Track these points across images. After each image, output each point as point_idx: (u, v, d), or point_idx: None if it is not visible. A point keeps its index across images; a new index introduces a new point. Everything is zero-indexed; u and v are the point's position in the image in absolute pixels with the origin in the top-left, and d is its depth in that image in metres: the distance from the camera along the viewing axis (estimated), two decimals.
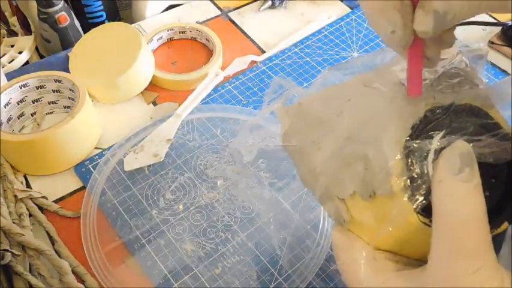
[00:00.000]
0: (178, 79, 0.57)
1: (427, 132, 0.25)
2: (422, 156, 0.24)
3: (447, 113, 0.25)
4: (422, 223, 0.24)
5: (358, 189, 0.26)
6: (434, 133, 0.24)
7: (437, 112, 0.25)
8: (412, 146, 0.24)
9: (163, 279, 0.41)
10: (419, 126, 0.25)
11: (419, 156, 0.24)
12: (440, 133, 0.24)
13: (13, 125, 0.51)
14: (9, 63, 0.62)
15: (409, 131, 0.25)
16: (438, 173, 0.23)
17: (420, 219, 0.24)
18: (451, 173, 0.22)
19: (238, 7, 0.70)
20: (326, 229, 0.44)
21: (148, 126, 0.52)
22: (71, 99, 0.52)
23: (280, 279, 0.41)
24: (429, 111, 0.25)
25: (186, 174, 0.48)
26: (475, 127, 0.25)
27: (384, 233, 0.25)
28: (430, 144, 0.24)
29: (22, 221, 0.43)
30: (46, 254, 0.40)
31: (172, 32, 0.63)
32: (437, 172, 0.23)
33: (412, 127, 0.25)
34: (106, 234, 0.43)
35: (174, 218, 0.45)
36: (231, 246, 0.43)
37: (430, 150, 0.24)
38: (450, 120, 0.25)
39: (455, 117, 0.25)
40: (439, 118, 0.25)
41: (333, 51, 0.63)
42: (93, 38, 0.57)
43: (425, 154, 0.24)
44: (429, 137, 0.24)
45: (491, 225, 0.23)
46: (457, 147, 0.23)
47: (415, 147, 0.24)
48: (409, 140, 0.25)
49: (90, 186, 0.47)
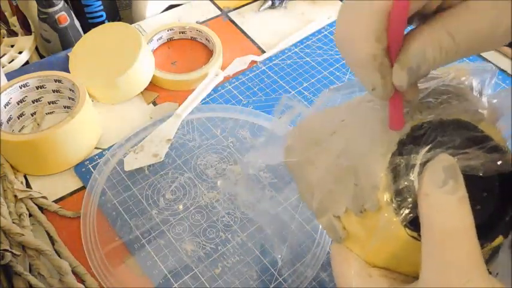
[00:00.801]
0: (178, 79, 0.57)
1: (413, 147, 0.25)
2: (408, 170, 0.24)
3: (434, 127, 0.26)
4: (411, 237, 0.24)
5: (350, 206, 0.27)
6: (420, 148, 0.25)
7: (424, 127, 0.26)
8: (397, 161, 0.25)
9: (163, 279, 0.41)
10: (405, 141, 0.25)
11: (405, 170, 0.24)
12: (426, 147, 0.24)
13: (13, 125, 0.51)
14: (9, 63, 0.62)
15: (395, 147, 0.25)
16: (423, 186, 0.23)
17: (408, 233, 0.24)
18: (435, 186, 0.22)
19: (238, 7, 0.70)
20: None
21: (148, 126, 0.52)
22: (71, 99, 0.52)
23: (280, 279, 0.41)
24: (415, 127, 0.26)
25: (186, 174, 0.48)
26: (462, 140, 0.25)
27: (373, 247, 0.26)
28: (415, 159, 0.24)
29: (22, 221, 0.43)
30: (46, 254, 0.40)
31: (172, 32, 0.63)
32: (422, 185, 0.23)
33: (398, 142, 0.25)
34: (106, 234, 0.43)
35: (174, 218, 0.45)
36: (231, 246, 0.43)
37: (415, 164, 0.24)
38: (436, 135, 0.25)
39: (441, 131, 0.26)
40: (426, 133, 0.25)
41: (333, 51, 0.63)
42: (93, 38, 0.57)
43: (411, 168, 0.24)
44: (415, 152, 0.25)
45: (485, 239, 0.23)
46: (441, 160, 0.23)
47: (400, 161, 0.25)
48: (395, 154, 0.25)
49: (90, 186, 0.47)
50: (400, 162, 0.25)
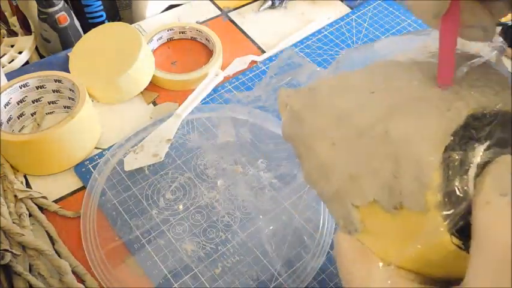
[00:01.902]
0: (178, 79, 0.57)
1: (469, 141, 0.22)
2: (463, 169, 0.21)
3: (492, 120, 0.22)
4: (455, 245, 0.21)
5: (381, 198, 0.23)
6: (477, 142, 0.22)
7: (481, 118, 0.22)
8: (452, 157, 0.21)
9: (163, 279, 0.41)
10: (460, 134, 0.22)
11: (459, 170, 0.21)
12: (485, 144, 0.21)
13: (13, 125, 0.51)
14: (9, 63, 0.62)
15: (449, 138, 0.22)
16: (484, 192, 0.20)
17: (454, 241, 0.21)
18: (499, 193, 0.19)
19: (238, 7, 0.70)
20: (326, 229, 0.43)
21: (148, 126, 0.52)
22: (71, 99, 0.52)
23: (280, 279, 0.41)
24: (471, 117, 0.22)
25: (186, 174, 0.48)
26: None
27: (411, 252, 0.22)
28: (472, 157, 0.21)
29: (22, 221, 0.43)
30: (46, 254, 0.40)
31: (172, 32, 0.63)
32: (483, 191, 0.20)
33: (453, 134, 0.22)
34: (106, 234, 0.43)
35: (174, 218, 0.45)
36: (231, 246, 0.43)
37: (472, 163, 0.21)
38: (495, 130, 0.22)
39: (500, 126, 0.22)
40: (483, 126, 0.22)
41: (333, 51, 0.63)
42: (93, 38, 0.57)
43: (466, 168, 0.21)
44: (471, 148, 0.21)
45: None
46: (506, 163, 0.20)
47: (456, 158, 0.21)
48: (449, 149, 0.21)
49: (90, 186, 0.47)
50: (454, 159, 0.21)
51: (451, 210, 0.21)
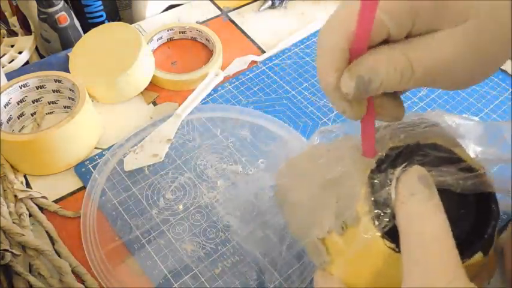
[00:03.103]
0: (178, 79, 0.57)
1: (390, 165, 0.27)
2: (385, 183, 0.25)
3: (411, 149, 0.27)
4: (389, 248, 0.25)
5: (333, 225, 0.27)
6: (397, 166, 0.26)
7: (401, 148, 0.27)
8: (375, 177, 0.26)
9: (163, 279, 0.41)
10: (384, 160, 0.27)
11: (383, 184, 0.26)
12: (403, 164, 0.26)
13: (13, 125, 0.51)
14: (9, 63, 0.62)
15: (373, 165, 0.27)
16: (399, 195, 0.24)
17: (387, 244, 0.25)
18: (410, 194, 0.23)
19: (238, 7, 0.70)
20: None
21: (148, 126, 0.52)
22: (71, 99, 0.52)
23: (280, 279, 0.41)
24: (394, 148, 0.27)
25: (186, 174, 0.48)
26: (436, 159, 0.27)
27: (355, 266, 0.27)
28: (392, 174, 0.25)
29: (22, 221, 0.43)
30: (46, 254, 0.40)
31: (172, 32, 0.63)
32: (398, 195, 0.24)
33: (377, 161, 0.27)
34: (106, 234, 0.43)
35: (174, 218, 0.45)
36: (231, 246, 0.43)
37: (392, 178, 0.25)
38: (412, 154, 0.27)
39: (416, 152, 0.27)
40: (403, 153, 0.27)
41: None
42: (93, 38, 0.57)
43: (388, 182, 0.25)
44: (392, 168, 0.26)
45: (463, 255, 0.24)
46: (414, 171, 0.24)
47: (378, 176, 0.26)
48: (374, 171, 0.27)
49: (90, 186, 0.47)
50: (378, 177, 0.26)
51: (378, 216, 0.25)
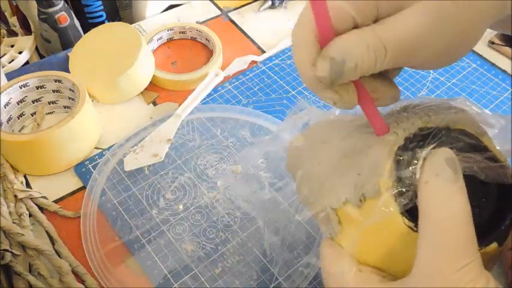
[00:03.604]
0: (178, 79, 0.57)
1: (418, 145, 0.26)
2: (411, 162, 0.25)
3: (439, 131, 0.27)
4: (407, 226, 0.24)
5: (350, 196, 0.27)
6: (425, 146, 0.26)
7: (430, 129, 0.27)
8: (403, 154, 0.26)
9: (163, 279, 0.41)
10: (412, 139, 0.26)
11: (408, 162, 0.25)
12: (432, 145, 0.25)
13: (13, 125, 0.51)
14: (9, 63, 0.62)
15: (401, 141, 0.26)
16: (424, 174, 0.24)
17: (405, 222, 0.24)
18: (435, 174, 0.23)
19: (238, 7, 0.70)
20: None
21: (148, 126, 0.52)
22: (71, 99, 0.52)
23: (280, 279, 0.41)
24: (423, 128, 0.27)
25: (186, 174, 0.48)
26: (464, 145, 0.26)
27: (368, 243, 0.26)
28: (419, 154, 0.25)
29: (22, 221, 0.43)
30: (46, 254, 0.40)
31: (172, 32, 0.63)
32: (422, 174, 0.24)
33: (405, 139, 0.26)
34: (106, 234, 0.43)
35: (174, 218, 0.45)
36: (231, 246, 0.43)
37: (419, 157, 0.25)
38: (441, 136, 0.26)
39: (446, 135, 0.27)
40: (432, 134, 0.27)
41: None
42: (93, 38, 0.57)
43: (415, 161, 0.25)
44: (420, 149, 0.26)
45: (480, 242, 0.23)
46: (442, 152, 0.24)
47: (405, 154, 0.25)
48: (401, 149, 0.26)
49: (90, 186, 0.47)
50: (404, 155, 0.25)
51: (400, 193, 0.25)
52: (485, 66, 0.62)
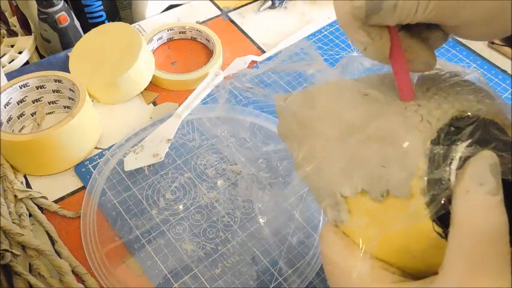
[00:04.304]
0: (178, 79, 0.57)
1: (452, 138, 0.24)
2: (446, 162, 0.23)
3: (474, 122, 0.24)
4: (436, 232, 0.22)
5: (369, 188, 0.24)
6: (459, 140, 0.23)
7: (464, 120, 0.24)
8: (437, 150, 0.23)
9: (163, 279, 0.41)
10: (445, 130, 0.24)
11: (442, 161, 0.23)
12: (467, 141, 0.23)
13: (13, 125, 0.51)
14: (9, 63, 0.62)
15: (435, 134, 0.24)
16: (465, 182, 0.21)
17: (435, 229, 0.22)
18: (478, 183, 0.21)
19: (238, 7, 0.70)
20: None
21: (148, 126, 0.52)
22: (71, 99, 0.52)
23: (280, 279, 0.41)
24: (455, 118, 0.24)
25: (186, 174, 0.48)
26: (499, 143, 0.24)
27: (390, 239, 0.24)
28: (455, 151, 0.23)
29: (22, 221, 0.43)
30: (46, 254, 0.40)
31: (172, 32, 0.63)
32: (463, 181, 0.21)
33: (438, 130, 0.24)
34: (106, 234, 0.43)
35: (174, 218, 0.45)
36: (231, 246, 0.43)
37: (455, 157, 0.23)
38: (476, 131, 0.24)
39: (481, 127, 0.24)
40: (466, 126, 0.24)
41: (333, 51, 0.63)
42: (93, 38, 0.57)
43: (449, 161, 0.23)
44: (455, 144, 0.23)
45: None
46: (486, 158, 0.22)
47: (440, 151, 0.23)
48: (435, 143, 0.23)
49: (90, 186, 0.47)
50: (439, 152, 0.23)
51: (434, 196, 0.22)
52: (485, 66, 0.62)
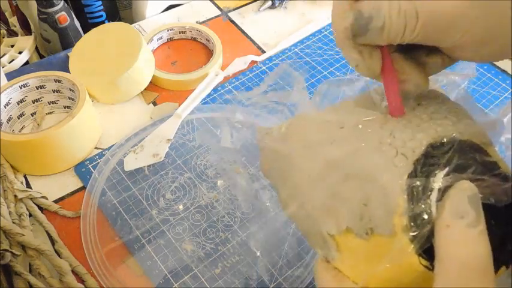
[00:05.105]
0: (178, 79, 0.57)
1: (430, 169, 0.24)
2: (426, 194, 0.23)
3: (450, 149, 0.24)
4: (423, 266, 0.23)
5: (353, 226, 0.25)
6: (437, 170, 0.23)
7: (440, 147, 0.24)
8: (415, 183, 0.23)
9: (163, 279, 0.41)
10: (421, 161, 0.24)
11: (423, 195, 0.23)
12: (444, 170, 0.23)
13: (13, 125, 0.51)
14: (9, 63, 0.62)
15: (411, 167, 0.24)
16: (444, 216, 0.22)
17: (422, 262, 0.23)
18: (457, 217, 0.21)
19: (238, 7, 0.70)
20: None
21: (148, 126, 0.52)
22: (71, 99, 0.52)
23: (280, 279, 0.41)
24: (431, 146, 0.24)
25: (186, 174, 0.48)
26: (477, 166, 0.24)
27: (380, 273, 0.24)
28: (433, 182, 0.23)
29: (22, 221, 0.43)
30: (46, 254, 0.40)
31: (172, 32, 0.63)
32: (443, 216, 0.22)
33: (414, 162, 0.24)
34: (106, 234, 0.43)
35: (174, 218, 0.45)
36: (231, 246, 0.43)
37: (433, 188, 0.23)
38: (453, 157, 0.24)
39: (457, 153, 0.24)
40: (442, 154, 0.24)
41: (333, 51, 0.63)
42: (93, 38, 0.57)
43: (429, 193, 0.23)
44: (433, 174, 0.23)
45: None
46: (464, 189, 0.22)
47: (417, 184, 0.23)
48: (412, 176, 0.23)
49: (90, 186, 0.47)
50: (417, 185, 0.23)
51: (416, 232, 0.22)
52: (485, 66, 0.62)
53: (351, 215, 0.25)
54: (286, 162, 0.29)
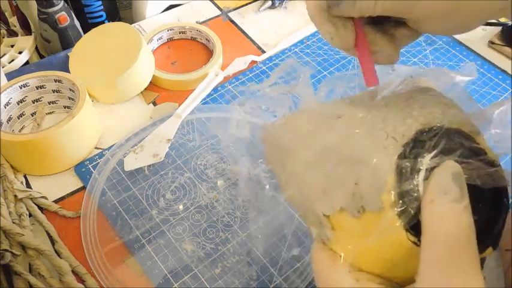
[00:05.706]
0: (178, 79, 0.57)
1: (418, 151, 0.25)
2: (413, 173, 0.24)
3: (438, 134, 0.26)
4: (411, 241, 0.24)
5: (346, 205, 0.26)
6: (425, 152, 0.25)
7: (428, 132, 0.26)
8: (403, 164, 0.25)
9: (163, 279, 0.41)
10: (410, 145, 0.25)
11: (410, 174, 0.24)
12: (432, 153, 0.24)
13: (13, 125, 0.51)
14: (9, 63, 0.62)
15: (400, 149, 0.25)
16: (429, 192, 0.23)
17: (409, 238, 0.24)
18: (441, 192, 0.23)
19: (238, 7, 0.70)
20: None
21: (148, 126, 0.52)
22: (71, 99, 0.52)
23: (280, 279, 0.41)
24: (420, 131, 0.26)
25: (186, 174, 0.48)
26: (464, 150, 0.25)
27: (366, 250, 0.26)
28: (421, 163, 0.24)
29: (22, 221, 0.43)
30: (46, 254, 0.40)
31: (172, 32, 0.63)
32: (428, 192, 0.23)
33: (404, 145, 0.25)
34: (106, 234, 0.43)
35: (174, 218, 0.45)
36: (231, 246, 0.43)
37: (421, 168, 0.24)
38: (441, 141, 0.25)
39: (445, 138, 0.26)
40: (430, 138, 0.26)
41: (333, 51, 0.63)
42: (93, 38, 0.57)
43: (417, 172, 0.24)
44: (421, 156, 0.25)
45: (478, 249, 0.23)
46: (448, 167, 0.23)
47: (406, 165, 0.25)
48: (401, 157, 0.25)
49: (90, 186, 0.47)
50: (405, 166, 0.24)
51: (403, 207, 0.24)
52: (485, 66, 0.62)
53: (344, 196, 0.26)
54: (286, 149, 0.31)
